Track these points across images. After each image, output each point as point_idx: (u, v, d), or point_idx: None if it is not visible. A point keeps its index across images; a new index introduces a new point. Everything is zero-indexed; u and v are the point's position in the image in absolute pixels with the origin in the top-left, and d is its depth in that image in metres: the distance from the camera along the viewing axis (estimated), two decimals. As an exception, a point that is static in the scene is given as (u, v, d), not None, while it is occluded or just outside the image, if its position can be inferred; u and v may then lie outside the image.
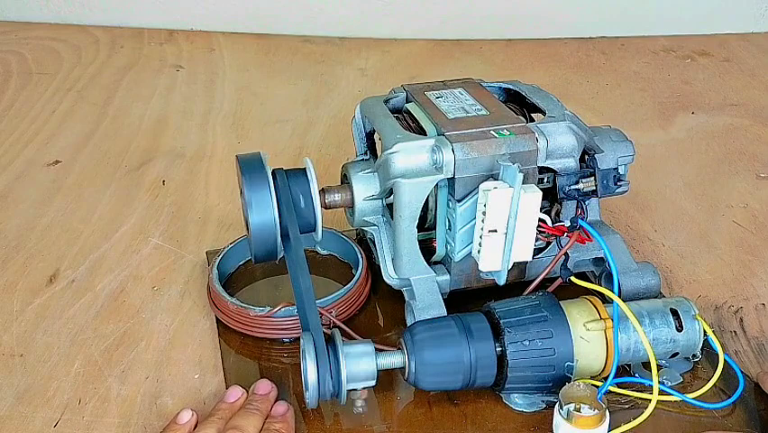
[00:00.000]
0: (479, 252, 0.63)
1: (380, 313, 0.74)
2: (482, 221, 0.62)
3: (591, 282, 0.66)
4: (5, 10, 1.55)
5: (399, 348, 0.61)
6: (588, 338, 0.61)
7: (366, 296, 0.74)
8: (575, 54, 1.42)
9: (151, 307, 0.76)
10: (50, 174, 1.01)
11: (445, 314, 0.65)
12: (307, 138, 1.11)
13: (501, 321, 0.60)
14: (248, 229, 0.67)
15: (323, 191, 0.69)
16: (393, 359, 0.60)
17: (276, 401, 0.62)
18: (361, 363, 0.59)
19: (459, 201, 0.64)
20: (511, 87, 0.77)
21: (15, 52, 1.41)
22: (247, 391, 0.62)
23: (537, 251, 0.68)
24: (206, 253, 0.82)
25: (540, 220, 0.64)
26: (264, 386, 0.62)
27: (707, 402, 0.61)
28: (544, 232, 0.66)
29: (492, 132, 0.65)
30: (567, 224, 0.66)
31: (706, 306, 0.75)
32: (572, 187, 0.67)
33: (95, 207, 0.94)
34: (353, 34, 1.49)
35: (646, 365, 0.64)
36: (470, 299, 0.69)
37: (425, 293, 0.67)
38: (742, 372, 0.62)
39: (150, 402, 0.65)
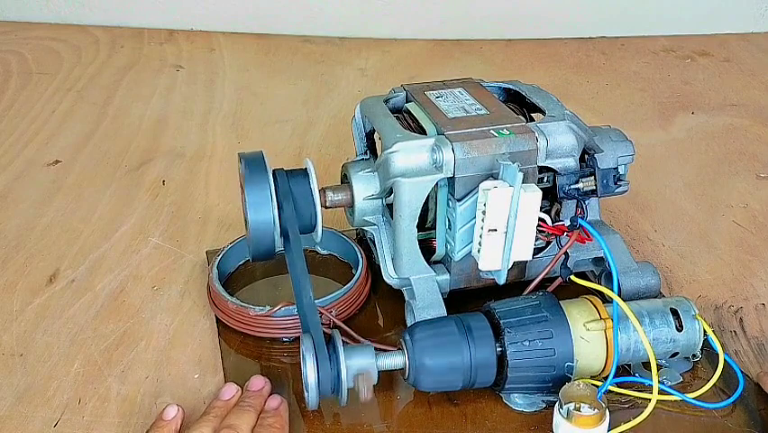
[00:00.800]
0: (479, 251, 0.63)
1: (380, 313, 0.74)
2: (482, 220, 0.61)
3: (591, 282, 0.66)
4: (5, 10, 1.55)
5: (399, 349, 0.61)
6: (588, 338, 0.61)
7: (366, 296, 0.74)
8: (575, 54, 1.42)
9: (151, 306, 0.76)
10: (50, 174, 1.01)
11: (445, 313, 0.65)
12: (307, 138, 1.11)
13: (501, 321, 0.60)
14: (247, 227, 0.67)
15: (323, 191, 0.69)
16: (393, 360, 0.60)
17: (270, 396, 0.62)
18: (361, 364, 0.59)
19: (459, 200, 0.64)
20: (511, 87, 0.77)
21: (15, 52, 1.41)
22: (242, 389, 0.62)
23: (537, 250, 0.68)
24: (206, 252, 0.82)
25: (540, 219, 0.64)
26: (257, 382, 0.63)
27: (707, 402, 0.61)
28: (543, 231, 0.66)
29: (492, 131, 0.65)
30: (567, 223, 0.66)
31: (706, 306, 0.75)
32: (572, 186, 0.67)
33: (95, 207, 0.94)
34: (353, 34, 1.49)
35: (646, 365, 0.64)
36: (470, 298, 0.69)
37: (425, 293, 0.67)
38: (742, 372, 0.62)
39: (150, 402, 0.65)
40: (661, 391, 0.60)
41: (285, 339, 0.70)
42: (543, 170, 0.67)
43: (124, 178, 1.00)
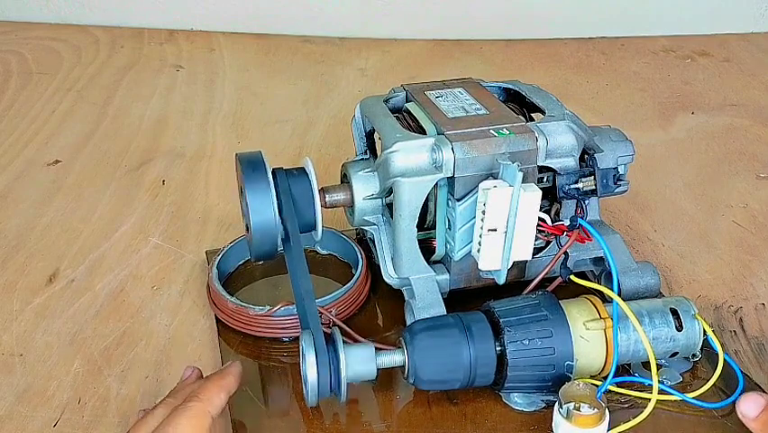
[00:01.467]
0: (478, 251, 0.63)
1: (380, 312, 0.74)
2: (482, 220, 0.61)
3: (591, 282, 0.66)
4: (5, 10, 1.55)
5: (399, 347, 0.61)
6: (587, 337, 0.60)
7: (366, 295, 0.74)
8: (575, 54, 1.42)
9: (151, 306, 0.76)
10: (50, 174, 1.01)
11: (445, 313, 0.65)
12: (307, 138, 1.11)
13: (501, 320, 0.60)
14: (247, 228, 0.67)
15: (322, 190, 0.69)
16: (393, 358, 0.60)
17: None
18: (360, 361, 0.59)
19: (459, 200, 0.64)
20: (511, 86, 0.77)
21: (15, 52, 1.41)
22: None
23: (537, 250, 0.68)
24: (206, 252, 0.82)
25: (540, 219, 0.64)
26: (227, 364, 0.62)
27: (706, 402, 0.61)
28: (543, 231, 0.66)
29: (492, 131, 0.65)
30: (567, 223, 0.66)
31: (706, 306, 0.75)
32: (572, 186, 0.67)
33: (95, 206, 0.94)
34: (353, 34, 1.49)
35: (646, 365, 0.64)
36: (470, 298, 0.69)
37: (425, 292, 0.67)
38: (742, 371, 0.62)
39: (149, 402, 0.65)
40: (660, 391, 0.60)
41: (285, 339, 0.70)
42: (542, 169, 0.67)
43: (124, 178, 1.00)
